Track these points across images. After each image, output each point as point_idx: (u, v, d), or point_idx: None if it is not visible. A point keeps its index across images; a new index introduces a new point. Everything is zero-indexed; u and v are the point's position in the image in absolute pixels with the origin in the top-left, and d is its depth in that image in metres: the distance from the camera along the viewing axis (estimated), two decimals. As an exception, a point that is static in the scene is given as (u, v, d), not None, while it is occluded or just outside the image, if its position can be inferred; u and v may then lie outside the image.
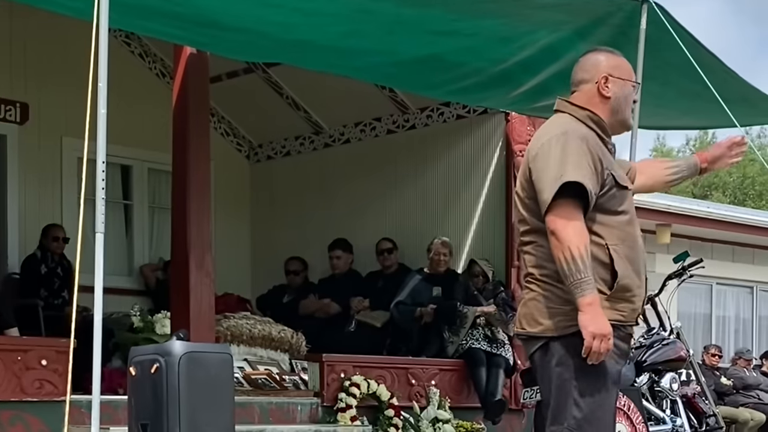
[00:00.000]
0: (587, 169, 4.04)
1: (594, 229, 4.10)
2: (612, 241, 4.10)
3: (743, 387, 14.46)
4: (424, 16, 6.67)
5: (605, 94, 4.27)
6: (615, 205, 4.15)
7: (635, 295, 4.18)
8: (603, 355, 4.01)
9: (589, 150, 4.09)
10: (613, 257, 4.09)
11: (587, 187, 4.02)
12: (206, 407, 5.72)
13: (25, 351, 6.95)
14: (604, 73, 4.28)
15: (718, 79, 7.00)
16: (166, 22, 6.57)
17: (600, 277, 4.07)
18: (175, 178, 7.87)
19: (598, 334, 3.98)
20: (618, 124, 4.33)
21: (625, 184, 4.23)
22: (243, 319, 8.92)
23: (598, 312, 3.99)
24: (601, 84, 4.27)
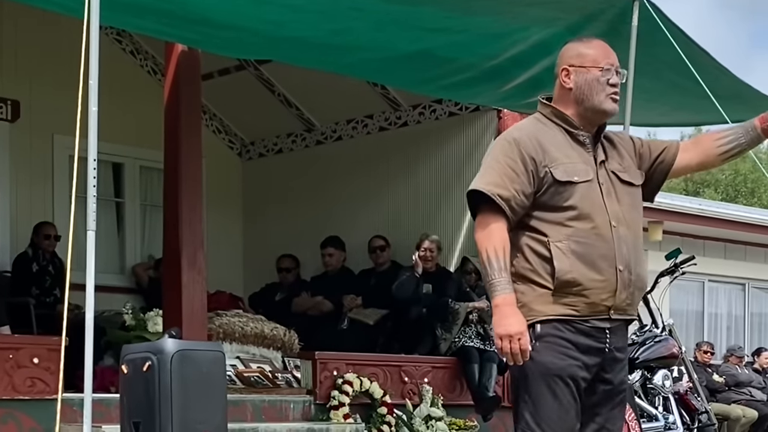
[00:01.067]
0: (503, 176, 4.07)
1: (536, 227, 4.12)
2: (556, 238, 4.08)
3: (735, 384, 14.49)
4: (414, 13, 6.67)
5: (566, 86, 4.24)
6: (559, 201, 4.11)
7: (588, 289, 4.08)
8: (519, 355, 3.98)
9: (518, 153, 4.10)
10: (553, 253, 4.07)
11: (490, 194, 4.05)
12: (199, 405, 5.71)
13: (17, 349, 6.94)
14: (564, 66, 4.26)
15: (709, 75, 7.01)
16: (157, 19, 6.56)
17: (546, 272, 4.07)
18: (166, 175, 7.86)
19: (504, 335, 3.98)
20: (590, 113, 4.24)
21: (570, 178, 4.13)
22: (235, 316, 8.91)
23: (507, 313, 3.99)
24: (561, 77, 4.26)
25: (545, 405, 4.10)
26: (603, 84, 4.21)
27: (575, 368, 4.10)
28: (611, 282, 4.10)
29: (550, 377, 4.08)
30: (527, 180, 4.09)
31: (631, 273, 4.16)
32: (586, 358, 4.12)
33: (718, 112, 6.81)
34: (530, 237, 4.13)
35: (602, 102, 4.22)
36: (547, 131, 4.22)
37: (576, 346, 4.09)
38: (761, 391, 14.63)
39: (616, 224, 4.15)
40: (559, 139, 4.21)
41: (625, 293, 4.15)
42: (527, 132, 4.21)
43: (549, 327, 4.09)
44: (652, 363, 8.76)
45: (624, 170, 4.31)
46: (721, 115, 6.83)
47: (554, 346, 4.07)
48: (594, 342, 4.12)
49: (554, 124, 4.24)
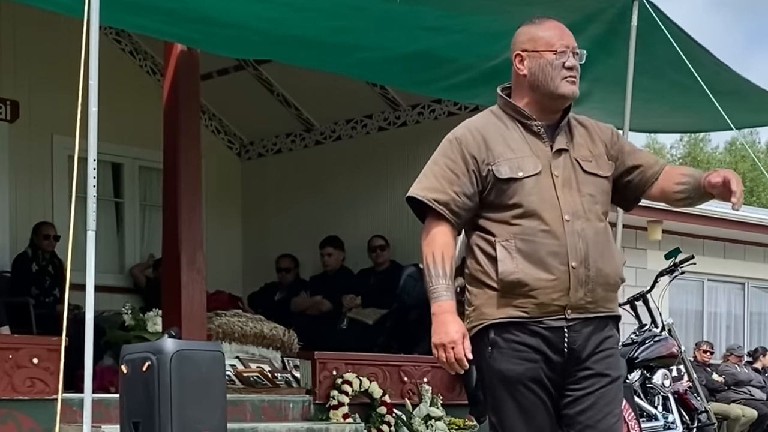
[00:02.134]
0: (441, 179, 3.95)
1: (484, 227, 3.95)
2: (502, 237, 3.89)
3: (735, 383, 14.49)
4: (414, 12, 6.67)
5: (520, 73, 4.01)
6: (504, 199, 3.91)
7: (536, 289, 3.85)
8: (455, 365, 3.82)
9: (459, 152, 3.95)
10: (498, 253, 3.88)
11: (425, 200, 3.94)
12: (198, 405, 5.72)
13: (17, 349, 6.93)
14: (517, 51, 4.03)
15: (709, 72, 7.02)
16: (157, 17, 6.56)
17: (494, 274, 3.88)
18: (166, 175, 7.86)
19: (438, 344, 3.86)
20: (547, 99, 3.99)
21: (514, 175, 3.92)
22: (235, 316, 8.91)
23: (442, 320, 3.86)
24: (515, 64, 4.03)
25: (507, 412, 3.93)
26: (558, 68, 3.97)
27: (534, 371, 3.89)
28: (562, 280, 3.86)
29: (510, 384, 3.89)
30: (469, 180, 3.93)
31: (589, 269, 3.89)
32: (546, 359, 3.90)
33: (719, 113, 6.82)
34: (480, 237, 3.95)
35: (558, 86, 3.97)
36: (497, 125, 4.01)
37: (532, 348, 3.88)
38: (761, 390, 14.64)
39: (570, 218, 3.90)
40: (510, 132, 3.99)
41: (582, 291, 3.88)
42: (473, 128, 4.01)
43: (502, 332, 3.88)
44: (651, 362, 8.76)
45: (591, 159, 4.06)
46: (722, 115, 6.84)
47: (510, 352, 3.87)
48: (551, 341, 3.89)
49: (508, 116, 4.02)
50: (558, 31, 4.06)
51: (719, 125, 7.60)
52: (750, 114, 8.32)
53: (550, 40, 4.01)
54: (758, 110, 8.23)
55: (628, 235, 14.12)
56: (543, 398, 3.92)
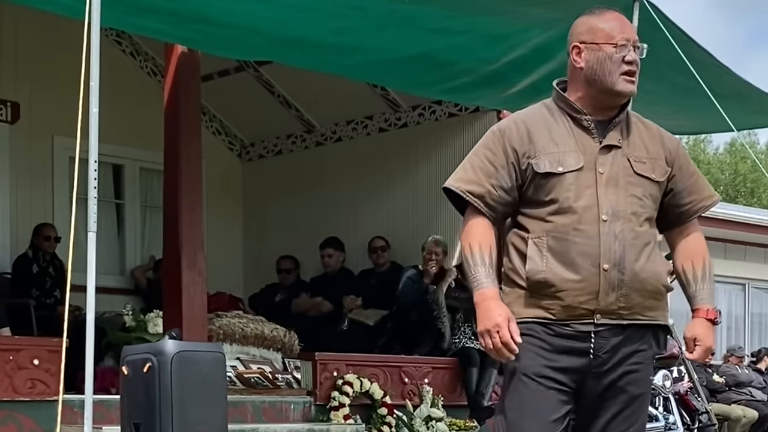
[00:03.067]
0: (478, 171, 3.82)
1: (521, 223, 3.82)
2: (536, 234, 3.76)
3: (735, 384, 14.49)
4: (416, 13, 6.67)
5: (577, 66, 3.85)
6: (541, 195, 3.77)
7: (562, 290, 3.70)
8: (503, 350, 3.66)
9: (501, 144, 3.82)
10: (529, 251, 3.76)
11: (459, 192, 3.83)
12: (199, 406, 5.72)
13: (18, 350, 6.94)
14: (575, 43, 3.87)
15: (710, 74, 7.01)
16: (157, 19, 6.56)
17: (523, 272, 3.77)
18: (166, 177, 7.86)
19: (483, 331, 3.69)
20: (603, 95, 3.85)
21: (553, 169, 3.77)
22: (235, 318, 8.91)
23: (486, 307, 3.69)
24: (572, 56, 3.88)
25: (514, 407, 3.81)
26: (617, 62, 3.83)
27: (548, 370, 3.74)
28: (591, 282, 3.70)
29: (524, 377, 3.76)
30: (507, 174, 3.79)
31: (623, 273, 3.72)
32: (562, 359, 3.75)
33: (720, 115, 6.82)
34: (515, 234, 3.84)
35: (616, 83, 3.83)
36: (546, 117, 3.87)
37: (552, 345, 3.74)
38: (761, 391, 14.64)
39: (609, 218, 3.73)
40: (558, 126, 3.84)
41: (613, 295, 3.71)
42: (519, 120, 3.88)
43: (524, 328, 3.73)
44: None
45: (646, 160, 3.89)
46: (723, 116, 6.84)
47: (528, 346, 3.71)
48: (576, 344, 3.75)
49: (559, 110, 3.88)
50: (619, 23, 3.90)
51: (720, 126, 7.59)
52: (750, 116, 8.32)
53: (610, 32, 3.86)
54: (758, 112, 8.23)
55: (628, 236, 14.07)
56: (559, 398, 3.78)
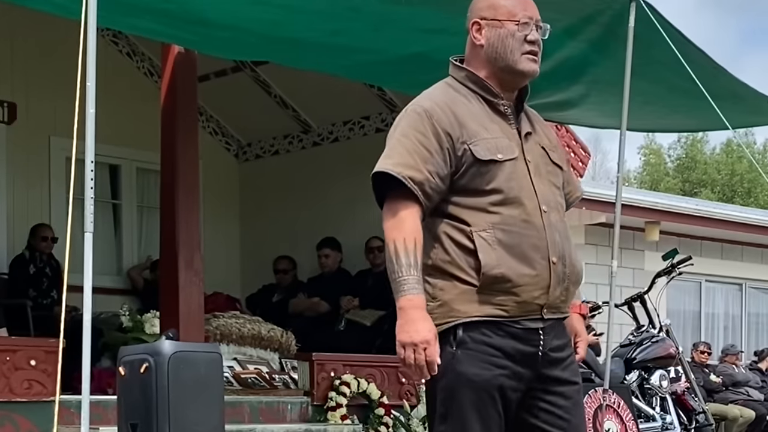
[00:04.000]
0: (414, 155, 3.50)
1: (456, 214, 3.53)
2: (479, 226, 3.48)
3: (732, 384, 14.51)
4: (412, 14, 6.67)
5: (477, 43, 3.66)
6: (480, 184, 3.52)
7: (518, 286, 3.48)
8: (425, 368, 3.41)
9: (431, 127, 3.55)
10: (477, 245, 3.46)
11: (400, 177, 3.47)
12: (196, 407, 5.72)
13: (14, 351, 6.93)
14: (475, 19, 3.69)
15: (707, 75, 7.01)
16: (154, 19, 6.56)
17: (470, 267, 3.47)
18: (163, 177, 7.86)
19: (408, 343, 3.40)
20: (505, 73, 3.64)
21: (493, 156, 3.54)
22: (232, 318, 8.91)
23: (413, 317, 3.41)
24: (472, 33, 3.69)
25: (468, 423, 3.49)
26: (519, 40, 3.63)
27: (503, 378, 3.51)
28: (544, 277, 3.51)
29: (474, 391, 3.48)
30: (442, 159, 3.50)
31: (566, 265, 3.57)
32: (516, 366, 3.53)
33: (717, 114, 6.82)
34: (450, 225, 3.53)
35: (518, 61, 3.62)
36: (460, 100, 3.63)
37: (504, 352, 3.50)
38: (758, 390, 14.65)
39: (547, 209, 3.57)
40: (476, 110, 3.61)
41: (559, 289, 3.56)
42: (440, 102, 3.62)
43: (473, 331, 3.48)
44: (649, 363, 8.78)
45: (553, 148, 3.74)
46: (719, 116, 6.84)
47: (479, 354, 3.47)
48: (525, 346, 3.54)
49: (469, 91, 3.65)
50: (521, 1, 3.71)
51: (716, 125, 7.60)
52: (746, 116, 8.33)
53: (512, 9, 3.67)
54: (754, 112, 8.24)
55: (625, 236, 14.13)
56: (500, 413, 3.54)
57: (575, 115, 8.64)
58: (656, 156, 42.97)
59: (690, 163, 41.19)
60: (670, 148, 42.87)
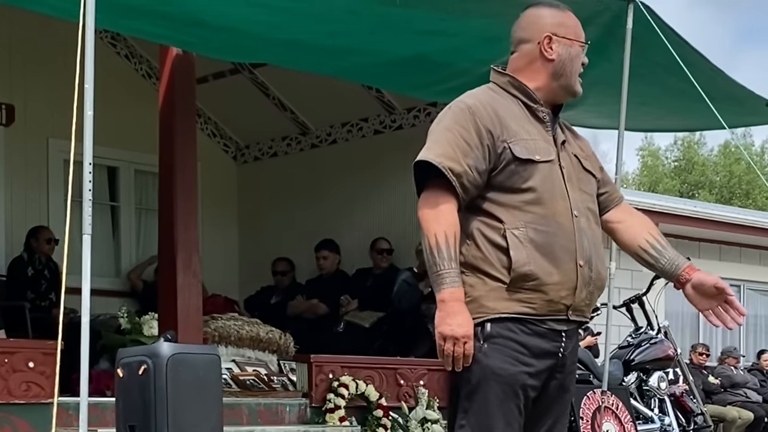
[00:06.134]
0: (455, 148, 3.57)
1: (490, 211, 3.60)
2: (512, 224, 3.55)
3: (731, 385, 14.51)
4: (410, 16, 6.67)
5: (548, 57, 3.73)
6: (517, 182, 3.59)
7: (546, 284, 3.56)
8: (460, 361, 3.49)
9: (473, 123, 3.61)
10: (510, 242, 3.54)
11: (441, 167, 3.54)
12: (194, 408, 5.71)
13: (12, 353, 6.92)
14: (548, 33, 3.74)
15: (704, 77, 7.02)
16: (152, 21, 6.57)
17: (501, 264, 3.55)
18: (162, 179, 7.86)
19: (449, 336, 3.47)
20: (562, 90, 3.77)
21: (531, 156, 3.63)
22: (231, 320, 8.91)
23: (455, 310, 3.48)
24: (543, 45, 3.73)
25: (491, 416, 3.56)
26: (579, 63, 3.78)
27: (525, 376, 3.59)
28: (571, 278, 3.60)
29: (499, 385, 3.56)
30: (482, 155, 3.58)
31: (592, 270, 3.66)
32: (538, 363, 3.62)
33: (714, 116, 6.83)
34: (483, 222, 3.60)
35: (575, 83, 3.78)
36: (502, 102, 3.72)
37: (529, 350, 3.59)
38: (757, 392, 14.66)
39: (578, 214, 3.67)
40: (517, 112, 3.71)
41: (584, 292, 3.65)
42: (483, 100, 3.71)
43: (501, 327, 3.56)
44: (647, 365, 8.79)
45: (585, 157, 3.86)
46: (716, 118, 6.85)
47: (505, 350, 3.55)
48: (548, 346, 3.64)
49: (510, 96, 3.75)
50: (579, 25, 3.86)
51: (713, 124, 7.61)
52: (743, 117, 8.34)
53: (578, 31, 3.81)
54: (751, 114, 8.25)
55: (623, 238, 14.09)
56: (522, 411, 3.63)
57: (573, 116, 8.65)
58: (654, 158, 42.98)
59: (688, 165, 41.20)
60: (668, 150, 42.91)
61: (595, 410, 7.90)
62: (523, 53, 3.79)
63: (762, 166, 39.53)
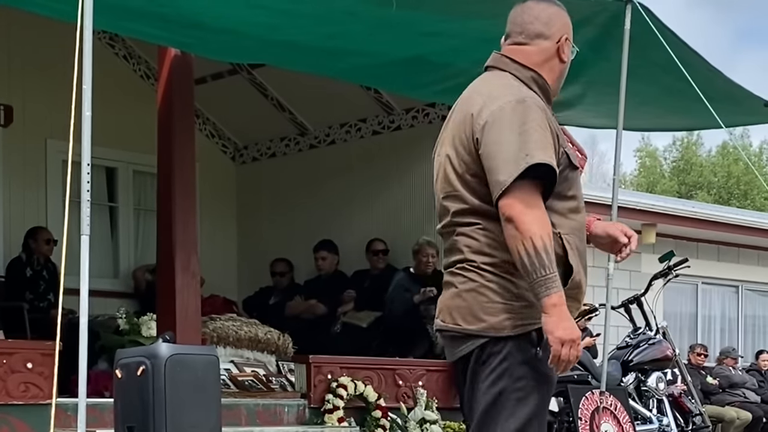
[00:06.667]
0: (551, 148, 3.43)
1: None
2: (564, 230, 3.49)
3: (729, 386, 14.51)
4: (408, 18, 6.67)
5: (563, 59, 3.67)
6: (566, 189, 3.53)
7: (582, 293, 3.59)
8: (571, 364, 3.41)
9: (548, 124, 3.49)
10: (567, 249, 3.49)
11: (556, 170, 3.44)
12: (193, 409, 5.71)
13: (11, 354, 6.92)
14: (566, 34, 3.67)
15: (702, 77, 7.03)
16: (150, 23, 6.57)
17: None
18: (160, 180, 7.86)
19: (567, 340, 3.37)
20: (555, 93, 3.73)
21: (576, 163, 3.59)
22: (229, 320, 8.91)
23: (566, 314, 3.37)
24: (562, 44, 3.65)
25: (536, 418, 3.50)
26: None
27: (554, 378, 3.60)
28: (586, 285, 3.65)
29: (549, 392, 3.56)
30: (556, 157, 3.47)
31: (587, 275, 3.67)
32: None
33: (712, 115, 6.83)
34: None
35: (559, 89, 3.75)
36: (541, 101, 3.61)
37: None
38: (755, 392, 14.66)
39: None
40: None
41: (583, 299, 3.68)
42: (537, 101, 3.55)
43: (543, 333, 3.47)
44: (646, 365, 8.79)
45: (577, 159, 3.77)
46: (714, 118, 6.86)
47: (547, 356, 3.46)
48: None
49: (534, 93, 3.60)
50: None
51: (710, 124, 7.61)
52: (741, 117, 8.35)
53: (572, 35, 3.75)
54: (749, 113, 8.25)
55: (622, 239, 14.10)
56: None
57: (572, 116, 8.66)
58: (652, 159, 42.98)
59: (686, 166, 41.19)
60: (666, 151, 42.90)
61: (594, 411, 7.90)
62: (541, 49, 3.67)
63: (760, 166, 39.53)
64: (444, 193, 3.64)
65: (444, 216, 3.65)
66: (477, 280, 3.50)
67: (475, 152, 3.49)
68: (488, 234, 3.48)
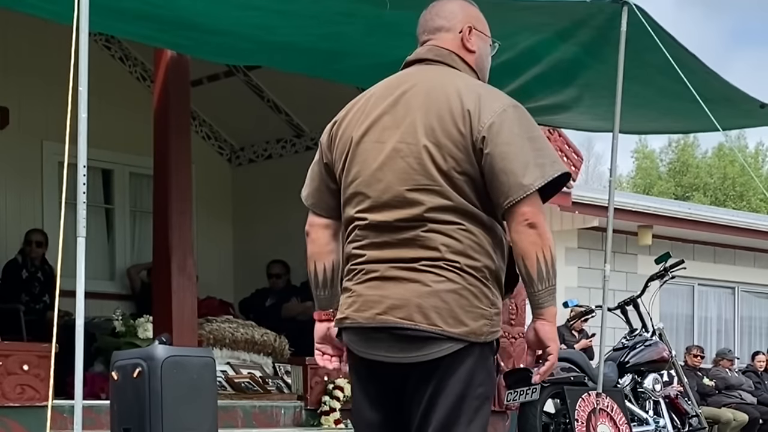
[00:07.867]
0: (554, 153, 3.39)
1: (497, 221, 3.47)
2: None
3: (726, 387, 14.52)
4: (404, 19, 6.66)
5: (470, 48, 3.55)
6: None
7: None
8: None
9: None
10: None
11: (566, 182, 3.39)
12: (189, 411, 5.71)
13: (7, 356, 6.93)
14: (468, 24, 3.58)
15: (698, 79, 7.02)
16: (146, 25, 6.56)
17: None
18: (156, 182, 7.86)
19: (557, 349, 3.39)
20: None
21: None
22: (225, 322, 8.91)
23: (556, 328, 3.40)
24: (465, 35, 3.55)
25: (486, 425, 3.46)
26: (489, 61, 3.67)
27: None
28: None
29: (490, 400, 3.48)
30: None
31: None
32: None
33: (708, 117, 6.83)
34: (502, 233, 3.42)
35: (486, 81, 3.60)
36: None
37: None
38: (751, 394, 14.67)
39: None
40: None
41: None
42: None
43: None
44: (642, 367, 8.79)
45: None
46: (710, 119, 6.85)
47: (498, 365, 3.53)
48: None
49: None
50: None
51: (707, 126, 7.61)
52: (738, 119, 8.34)
53: (487, 27, 3.66)
54: (746, 116, 8.25)
55: (618, 240, 14.15)
56: None
57: (568, 119, 8.66)
58: (648, 160, 43.03)
59: (682, 167, 41.24)
60: (662, 152, 42.95)
61: (590, 412, 7.89)
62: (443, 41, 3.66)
63: (756, 168, 39.57)
64: (415, 184, 3.41)
65: (406, 207, 3.44)
66: (458, 281, 3.33)
67: (472, 150, 3.33)
68: (471, 237, 3.35)
